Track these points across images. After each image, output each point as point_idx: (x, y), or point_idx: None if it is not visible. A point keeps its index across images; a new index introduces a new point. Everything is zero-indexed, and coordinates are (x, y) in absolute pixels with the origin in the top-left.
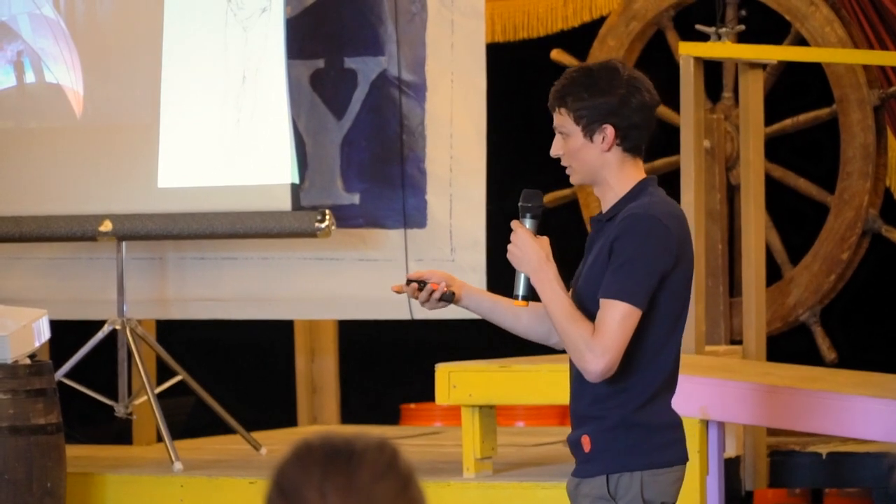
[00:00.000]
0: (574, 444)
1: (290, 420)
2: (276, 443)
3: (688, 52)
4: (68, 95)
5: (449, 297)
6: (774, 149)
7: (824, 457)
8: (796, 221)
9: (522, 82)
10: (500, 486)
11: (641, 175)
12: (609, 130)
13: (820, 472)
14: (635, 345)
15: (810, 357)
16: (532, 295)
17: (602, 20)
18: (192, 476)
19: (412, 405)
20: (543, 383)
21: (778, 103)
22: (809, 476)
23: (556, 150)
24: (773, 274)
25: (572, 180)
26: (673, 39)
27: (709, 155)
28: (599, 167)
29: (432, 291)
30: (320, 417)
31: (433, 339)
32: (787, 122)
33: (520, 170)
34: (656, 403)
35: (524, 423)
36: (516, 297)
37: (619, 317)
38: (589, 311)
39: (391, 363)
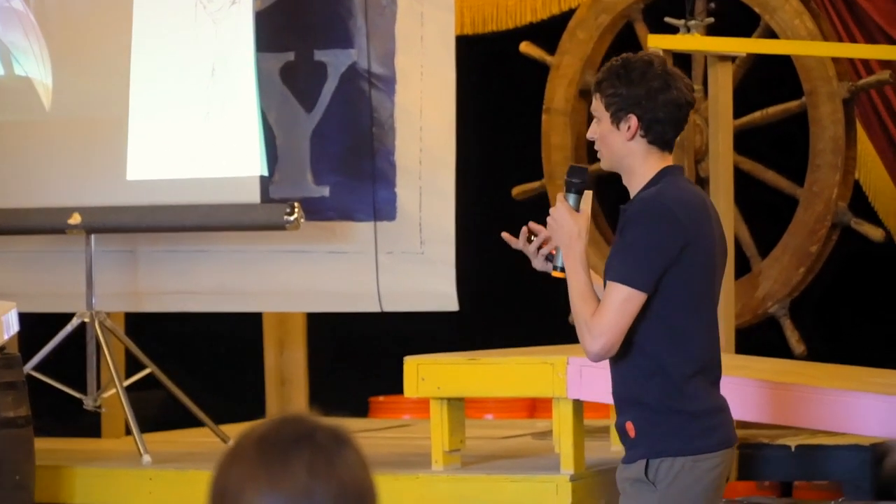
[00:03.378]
0: (620, 430)
1: (259, 413)
2: (242, 431)
3: (657, 44)
4: (38, 88)
5: (552, 259)
6: (744, 141)
7: (793, 449)
8: (766, 214)
9: (492, 75)
10: (468, 478)
11: (666, 165)
12: (633, 120)
13: (789, 464)
14: (657, 327)
15: (780, 350)
16: None
17: (571, 12)
18: (161, 469)
19: (381, 398)
20: (512, 376)
21: (748, 96)
22: (779, 469)
23: (590, 134)
24: (743, 266)
25: (602, 165)
26: (642, 32)
27: (678, 147)
28: (624, 155)
29: (541, 246)
30: (289, 410)
31: (402, 331)
32: (757, 114)
33: (489, 162)
34: (695, 388)
35: (493, 415)
36: (555, 269)
37: (619, 299)
38: None
39: (360, 356)
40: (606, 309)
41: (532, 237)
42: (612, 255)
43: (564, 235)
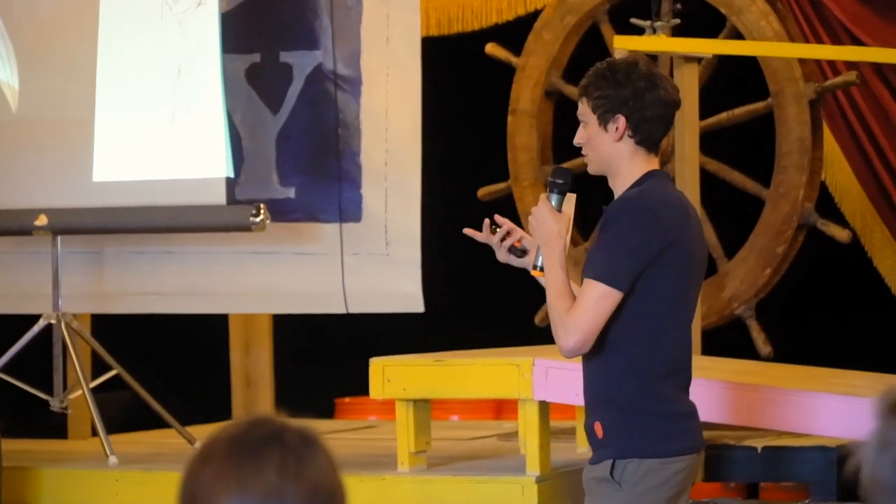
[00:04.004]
0: (589, 430)
1: (225, 413)
2: (211, 433)
3: (623, 45)
4: (4, 90)
5: (518, 253)
6: (710, 142)
7: (759, 451)
8: (732, 215)
9: (458, 76)
10: (434, 479)
11: (652, 167)
12: (621, 120)
13: (755, 466)
14: (633, 326)
15: (746, 351)
16: None
17: (537, 14)
18: (128, 470)
19: (347, 399)
20: (478, 377)
21: (714, 97)
22: (745, 470)
23: (577, 139)
24: (709, 268)
25: (589, 169)
26: (608, 33)
27: None
28: (612, 157)
29: (504, 238)
30: (255, 411)
31: (368, 333)
32: (723, 115)
33: (455, 164)
34: (667, 390)
35: (458, 417)
36: (535, 268)
37: (594, 297)
38: None
39: (326, 357)
40: (582, 306)
41: (496, 229)
42: (591, 253)
43: (545, 233)
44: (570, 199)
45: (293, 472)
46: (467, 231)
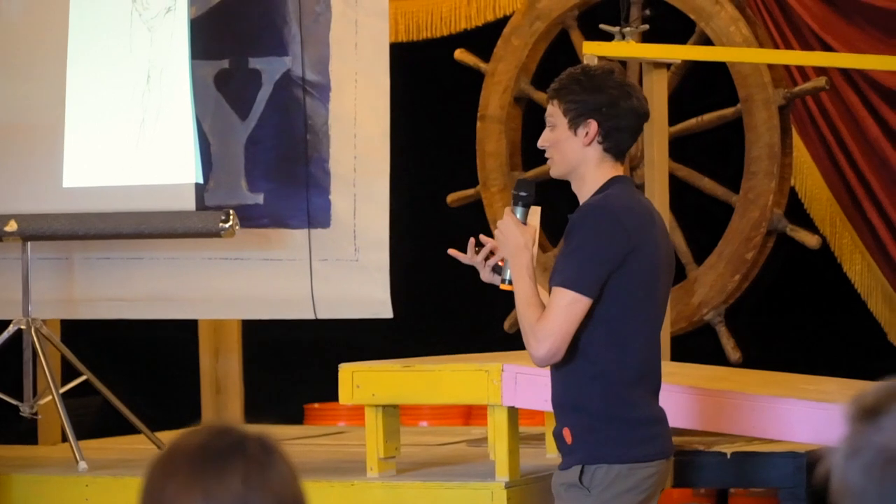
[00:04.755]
0: (558, 437)
1: (194, 419)
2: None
3: (592, 51)
4: None
5: (500, 271)
6: (679, 148)
7: (729, 456)
8: (701, 221)
9: (426, 82)
10: (403, 485)
11: (616, 174)
12: (592, 126)
13: (725, 471)
14: (600, 332)
15: (715, 357)
16: None
17: (506, 19)
18: (98, 476)
19: (316, 405)
20: (447, 383)
21: (683, 103)
22: (715, 476)
23: (542, 142)
24: (678, 274)
25: (552, 172)
26: (577, 39)
27: None
28: (578, 161)
29: (489, 256)
30: (224, 417)
31: (337, 338)
32: (692, 121)
33: (424, 170)
34: (636, 396)
35: (428, 422)
36: (503, 282)
37: (563, 304)
38: None
39: (295, 363)
40: (551, 313)
41: (479, 249)
42: (557, 261)
43: (512, 246)
44: (535, 211)
45: (257, 482)
46: (452, 252)
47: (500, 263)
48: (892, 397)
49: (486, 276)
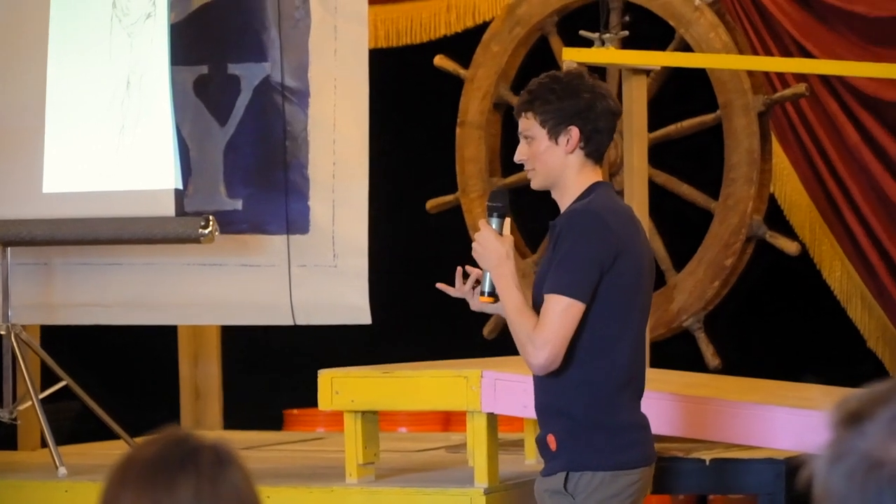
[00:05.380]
0: (541, 443)
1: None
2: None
3: (571, 57)
4: None
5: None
6: (659, 155)
7: (708, 463)
8: (680, 227)
9: (406, 88)
10: (382, 491)
11: (597, 179)
12: (574, 132)
13: (704, 478)
14: (586, 338)
15: (694, 363)
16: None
17: (486, 25)
18: (77, 481)
19: (295, 411)
20: (426, 389)
21: (663, 109)
22: (693, 482)
23: (519, 156)
24: (658, 280)
25: (533, 184)
26: (557, 45)
27: None
28: (561, 170)
29: (475, 285)
30: (204, 423)
31: (316, 344)
32: (671, 127)
33: (403, 176)
34: (621, 402)
35: (406, 428)
36: (483, 294)
37: (558, 310)
38: (541, 309)
39: (274, 369)
40: (548, 320)
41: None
42: (543, 267)
43: (493, 258)
44: (507, 222)
45: (208, 494)
46: (440, 286)
47: (483, 288)
48: (875, 403)
49: (476, 304)
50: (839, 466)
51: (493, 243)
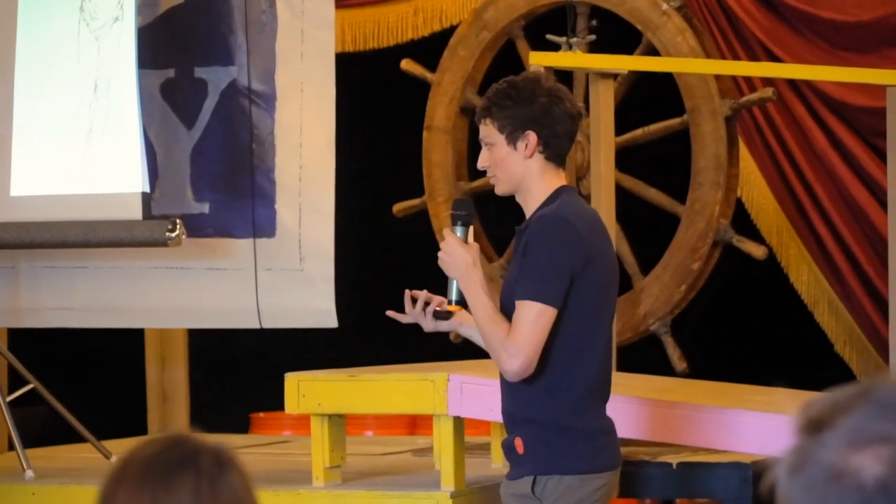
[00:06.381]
0: (508, 447)
1: (141, 428)
2: (127, 451)
3: (538, 62)
4: None
5: (444, 316)
6: (626, 159)
7: (675, 467)
8: (647, 232)
9: (373, 92)
10: (349, 494)
11: (561, 184)
12: (531, 137)
13: (671, 482)
14: (557, 344)
15: (661, 367)
16: (464, 300)
17: (453, 30)
18: (44, 484)
19: (262, 414)
20: (392, 393)
21: (629, 113)
22: (660, 486)
23: (482, 162)
24: (624, 284)
25: (497, 190)
26: (523, 49)
27: None
28: (522, 175)
29: (426, 305)
30: (170, 426)
31: (283, 348)
32: (638, 132)
33: (370, 180)
34: (588, 407)
35: (373, 432)
36: (450, 303)
37: (531, 317)
38: (511, 316)
39: (241, 372)
40: (520, 327)
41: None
42: (518, 276)
43: (461, 266)
44: (471, 229)
45: (207, 496)
46: (390, 313)
47: (437, 308)
48: (836, 411)
49: (430, 325)
50: (799, 477)
51: (459, 252)
